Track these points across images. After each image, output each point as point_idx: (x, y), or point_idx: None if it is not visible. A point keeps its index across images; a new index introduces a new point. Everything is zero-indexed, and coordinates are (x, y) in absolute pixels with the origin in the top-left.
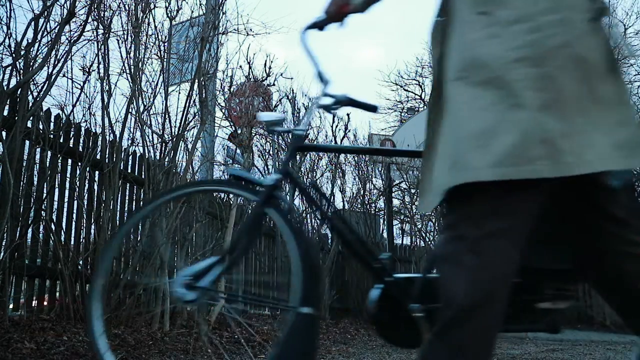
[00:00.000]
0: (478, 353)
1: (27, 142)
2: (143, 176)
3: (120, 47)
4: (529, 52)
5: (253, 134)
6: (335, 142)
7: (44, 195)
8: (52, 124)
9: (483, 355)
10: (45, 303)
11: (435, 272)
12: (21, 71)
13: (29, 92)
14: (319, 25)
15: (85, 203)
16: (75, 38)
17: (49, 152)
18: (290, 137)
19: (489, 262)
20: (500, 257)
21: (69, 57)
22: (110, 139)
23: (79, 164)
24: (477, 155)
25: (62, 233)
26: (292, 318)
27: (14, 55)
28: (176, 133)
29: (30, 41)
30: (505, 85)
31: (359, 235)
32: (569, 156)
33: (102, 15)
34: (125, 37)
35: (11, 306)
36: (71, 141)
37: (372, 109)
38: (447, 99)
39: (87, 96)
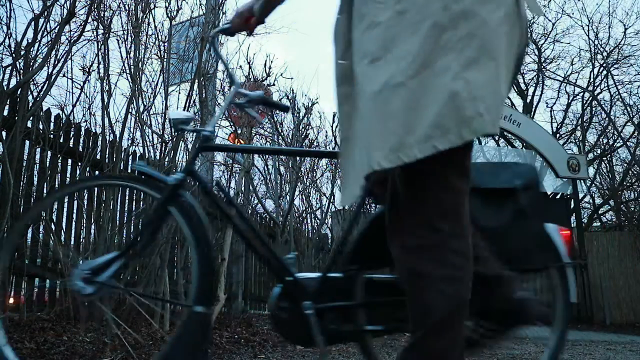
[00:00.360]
0: (456, 358)
1: (27, 142)
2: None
3: (120, 47)
4: (441, 18)
5: (253, 134)
6: (336, 143)
7: (44, 195)
8: (52, 124)
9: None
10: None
11: (406, 287)
12: (21, 71)
13: (29, 92)
14: (226, 32)
15: (85, 203)
16: (75, 38)
17: (49, 152)
18: (198, 137)
19: (453, 268)
20: (460, 259)
21: (69, 57)
22: (110, 139)
23: (79, 164)
24: (407, 133)
25: (62, 233)
26: (185, 316)
27: (14, 55)
28: (176, 133)
29: (30, 41)
30: (422, 56)
31: (262, 236)
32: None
33: (102, 15)
34: (125, 37)
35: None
36: (71, 141)
37: (284, 109)
38: (361, 86)
39: (87, 96)
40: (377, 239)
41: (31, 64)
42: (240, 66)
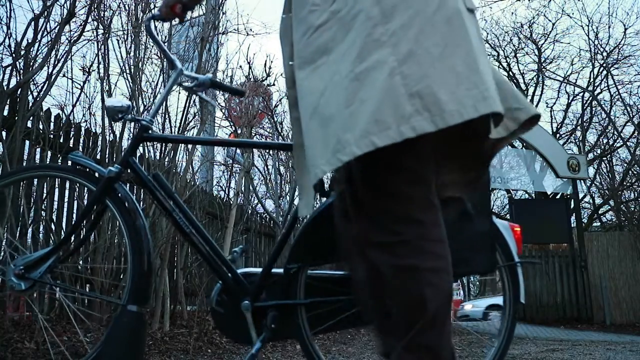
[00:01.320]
0: (448, 351)
1: (27, 142)
2: None
3: (120, 47)
4: (373, 12)
5: (253, 134)
6: None
7: (44, 195)
8: (52, 124)
9: (450, 351)
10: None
11: (389, 286)
12: (21, 71)
13: (29, 92)
14: (158, 18)
15: (85, 203)
16: (75, 38)
17: (49, 152)
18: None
19: (438, 258)
20: (442, 247)
21: (69, 57)
22: (110, 139)
23: None
24: (345, 131)
25: (62, 233)
26: (118, 314)
27: (14, 55)
28: (176, 133)
29: (30, 41)
30: (357, 52)
31: (202, 230)
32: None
33: (102, 15)
34: (125, 37)
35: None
36: (71, 141)
37: (239, 93)
38: (302, 95)
39: (87, 96)
40: (320, 236)
41: (31, 64)
42: (240, 66)
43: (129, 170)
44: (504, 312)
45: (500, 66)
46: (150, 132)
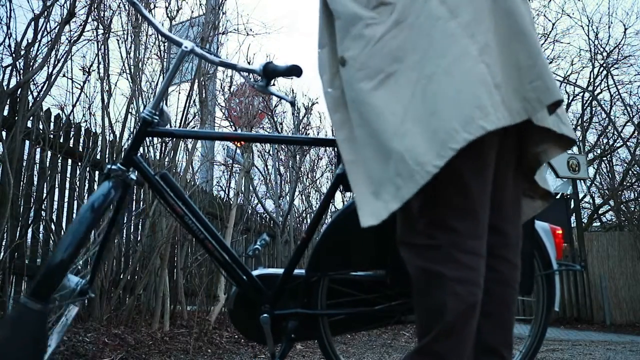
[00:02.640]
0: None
1: (27, 142)
2: None
3: (120, 47)
4: (439, 12)
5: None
6: None
7: (44, 195)
8: (52, 124)
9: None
10: None
11: (416, 287)
12: (21, 71)
13: (29, 92)
14: None
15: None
16: (75, 38)
17: (49, 152)
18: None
19: (467, 269)
20: (475, 260)
21: (69, 57)
22: (110, 139)
23: (79, 164)
24: (452, 121)
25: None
26: (16, 309)
27: (14, 55)
28: None
29: (30, 41)
30: (436, 49)
31: (216, 234)
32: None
33: (102, 15)
34: (125, 37)
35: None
36: (71, 141)
37: (295, 73)
38: (374, 99)
39: (87, 96)
40: (341, 243)
41: (31, 64)
42: None
43: (131, 169)
44: (535, 318)
45: None
46: (153, 126)
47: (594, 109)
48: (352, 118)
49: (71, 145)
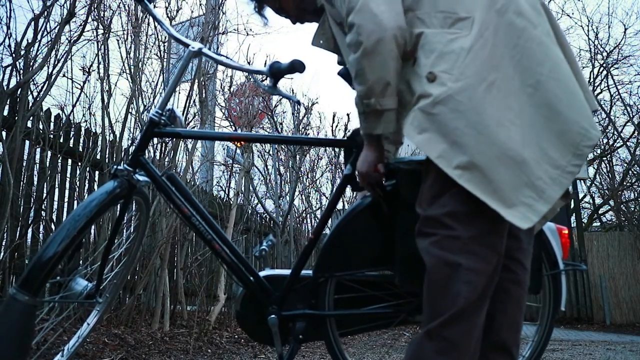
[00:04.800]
0: (468, 349)
1: (27, 142)
2: None
3: (120, 47)
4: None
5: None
6: None
7: (44, 195)
8: (52, 124)
9: (472, 350)
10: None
11: (430, 276)
12: (21, 71)
13: (29, 92)
14: None
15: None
16: (75, 38)
17: (49, 152)
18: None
19: (483, 262)
20: (492, 255)
21: (69, 57)
22: (110, 139)
23: (79, 164)
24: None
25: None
26: (4, 300)
27: (14, 55)
28: None
29: (30, 41)
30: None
31: (223, 235)
32: None
33: (102, 15)
34: (125, 37)
35: None
36: (71, 141)
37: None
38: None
39: (87, 96)
40: (348, 243)
41: (31, 64)
42: None
43: (137, 170)
44: (541, 318)
45: None
46: (160, 127)
47: None
48: (454, 128)
49: (71, 145)
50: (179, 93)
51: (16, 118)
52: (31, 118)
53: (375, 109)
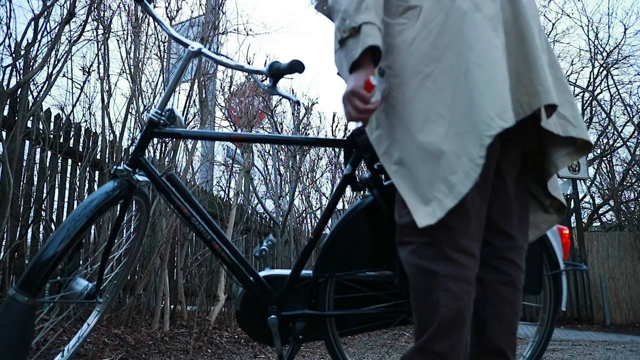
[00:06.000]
0: (458, 359)
1: (27, 142)
2: None
3: (120, 47)
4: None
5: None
6: None
7: (44, 195)
8: (52, 124)
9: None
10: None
11: (413, 286)
12: (21, 71)
13: (29, 92)
14: None
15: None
16: (75, 38)
17: (49, 152)
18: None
19: (459, 267)
20: (468, 259)
21: (69, 57)
22: (110, 139)
23: (79, 164)
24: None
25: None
26: (5, 300)
27: (14, 55)
28: None
29: (30, 41)
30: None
31: (224, 236)
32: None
33: (102, 15)
34: (125, 37)
35: None
36: (71, 141)
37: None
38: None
39: (87, 96)
40: (348, 244)
41: (31, 64)
42: None
43: (137, 171)
44: (542, 318)
45: None
46: (159, 127)
47: (594, 109)
48: (392, 125)
49: (71, 145)
50: (179, 93)
51: (16, 118)
52: (31, 118)
53: (352, 28)
